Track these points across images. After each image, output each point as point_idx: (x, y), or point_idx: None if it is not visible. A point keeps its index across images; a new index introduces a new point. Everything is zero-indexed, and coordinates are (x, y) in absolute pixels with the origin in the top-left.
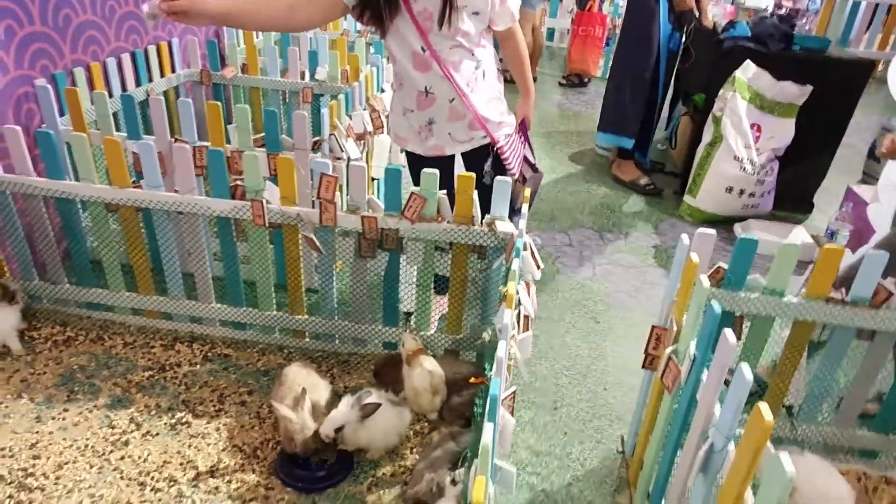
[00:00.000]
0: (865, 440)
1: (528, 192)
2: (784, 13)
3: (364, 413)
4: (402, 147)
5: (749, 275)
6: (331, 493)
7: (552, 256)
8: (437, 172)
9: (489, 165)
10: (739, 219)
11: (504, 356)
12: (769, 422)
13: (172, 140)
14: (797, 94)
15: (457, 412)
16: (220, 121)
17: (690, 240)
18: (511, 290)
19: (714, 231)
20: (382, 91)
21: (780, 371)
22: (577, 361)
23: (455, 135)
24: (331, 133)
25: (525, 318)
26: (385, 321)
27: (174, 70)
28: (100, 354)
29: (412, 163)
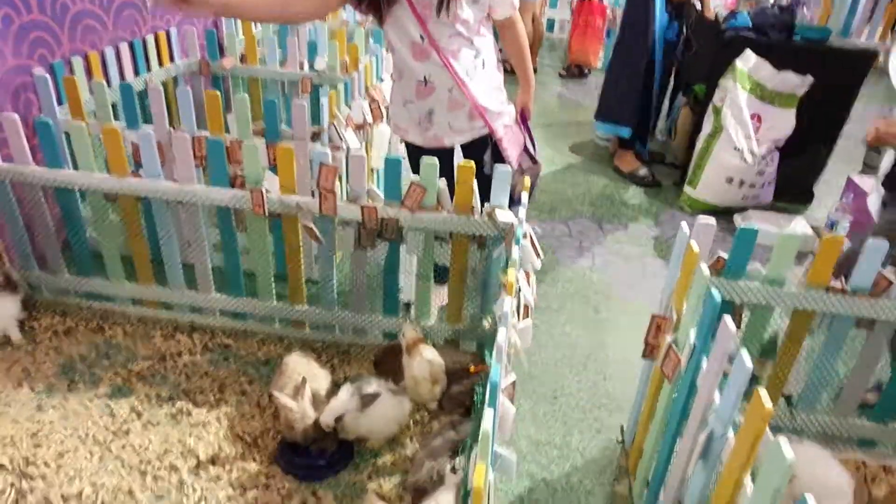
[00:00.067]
0: (864, 430)
1: (528, 184)
2: (785, 3)
3: (364, 402)
4: (403, 137)
5: (749, 265)
6: (331, 482)
7: (552, 247)
8: (437, 162)
9: (488, 156)
10: (739, 209)
11: (504, 343)
12: (769, 408)
13: (171, 130)
14: (798, 85)
15: (457, 401)
16: (220, 110)
17: (690, 229)
18: (511, 278)
19: (714, 220)
20: (381, 80)
21: (780, 361)
22: (577, 351)
23: (454, 125)
24: (330, 122)
25: (525, 308)
26: (385, 311)
27: (172, 60)
28: (100, 344)
29: (412, 154)
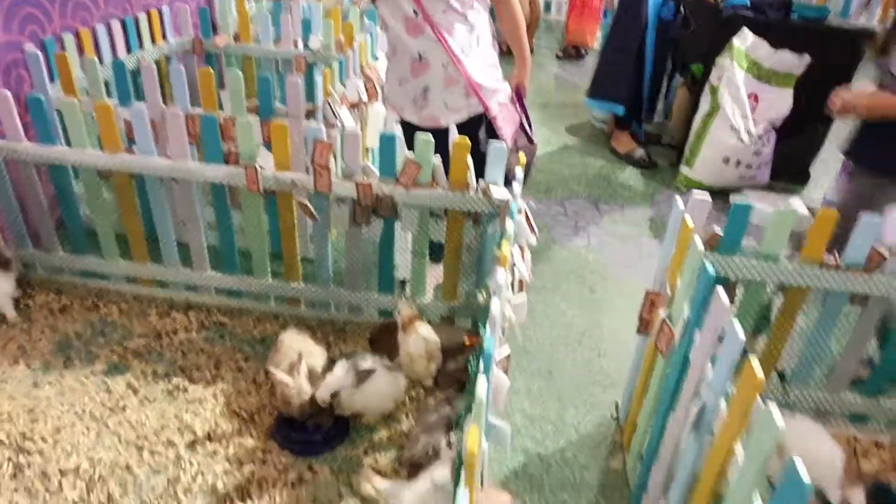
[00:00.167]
0: (856, 405)
1: (524, 160)
2: None
3: (359, 378)
4: (399, 115)
5: (743, 242)
6: (327, 457)
7: (547, 227)
8: (431, 138)
9: (483, 134)
10: (736, 190)
11: (498, 314)
12: (760, 377)
13: (164, 107)
14: (795, 64)
15: (452, 378)
16: (213, 87)
17: (686, 206)
18: (505, 251)
19: (708, 196)
20: (376, 59)
21: (773, 336)
22: (572, 329)
23: (450, 103)
24: (325, 100)
25: (520, 283)
26: (380, 288)
27: (165, 38)
28: (95, 322)
29: (408, 132)
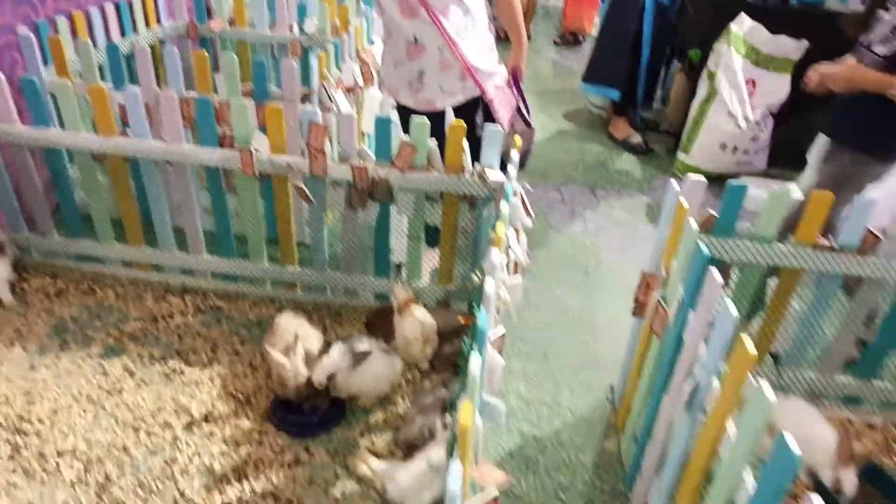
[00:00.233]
0: (849, 387)
1: (520, 143)
2: None
3: (355, 360)
4: (395, 99)
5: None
6: (324, 438)
7: (544, 212)
8: (427, 121)
9: (480, 118)
10: (733, 176)
11: (492, 292)
12: (753, 354)
13: (158, 90)
14: (793, 49)
15: (448, 361)
16: (207, 70)
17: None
18: (500, 232)
19: (704, 178)
20: (372, 43)
21: (767, 319)
22: (568, 313)
23: (446, 86)
24: (320, 84)
25: (515, 265)
26: (376, 272)
27: (159, 22)
28: (91, 306)
29: (404, 116)
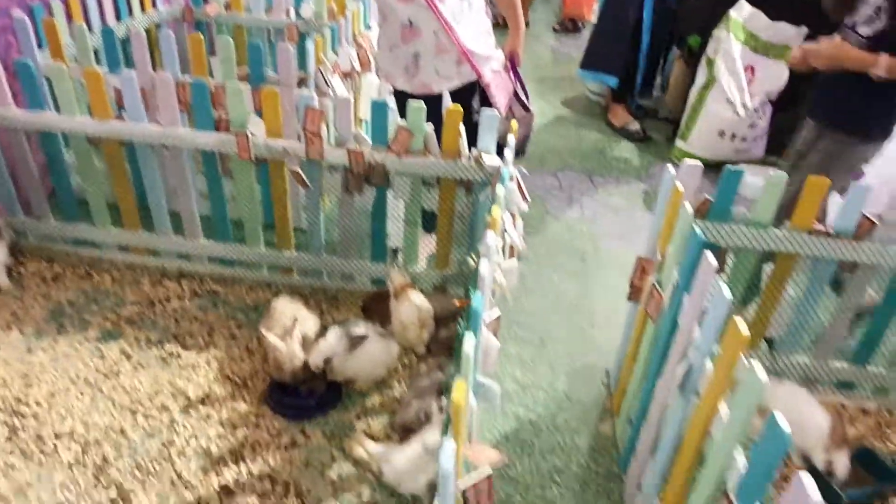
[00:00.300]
0: (843, 372)
1: (516, 127)
2: None
3: (352, 344)
4: (391, 84)
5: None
6: (320, 421)
7: (541, 198)
8: (424, 106)
9: (477, 103)
10: (730, 164)
11: (486, 274)
12: (745, 335)
13: (154, 74)
14: (792, 36)
15: (444, 345)
16: (203, 53)
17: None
18: (495, 215)
19: (700, 163)
20: (369, 28)
21: (763, 304)
22: (564, 299)
23: (442, 71)
24: (317, 68)
25: (511, 248)
26: (373, 257)
27: (155, 6)
28: (88, 290)
29: (400, 101)
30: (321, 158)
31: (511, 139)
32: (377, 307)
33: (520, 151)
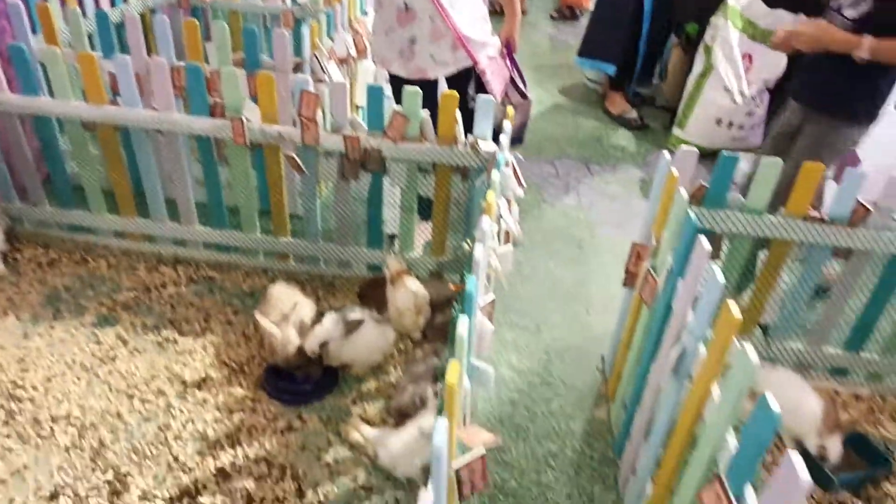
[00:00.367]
0: (836, 358)
1: (512, 113)
2: None
3: (348, 329)
4: (386, 69)
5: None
6: (316, 406)
7: (538, 186)
8: (420, 91)
9: (473, 89)
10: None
11: (481, 258)
12: (738, 318)
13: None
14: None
15: (439, 331)
16: (198, 38)
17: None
18: (490, 200)
19: (696, 149)
20: (365, 14)
21: (757, 290)
22: (560, 286)
23: (437, 56)
24: (312, 54)
25: (506, 234)
26: (369, 243)
27: None
28: (84, 276)
29: (396, 87)
30: (317, 144)
31: (507, 125)
32: (373, 293)
33: (517, 139)
